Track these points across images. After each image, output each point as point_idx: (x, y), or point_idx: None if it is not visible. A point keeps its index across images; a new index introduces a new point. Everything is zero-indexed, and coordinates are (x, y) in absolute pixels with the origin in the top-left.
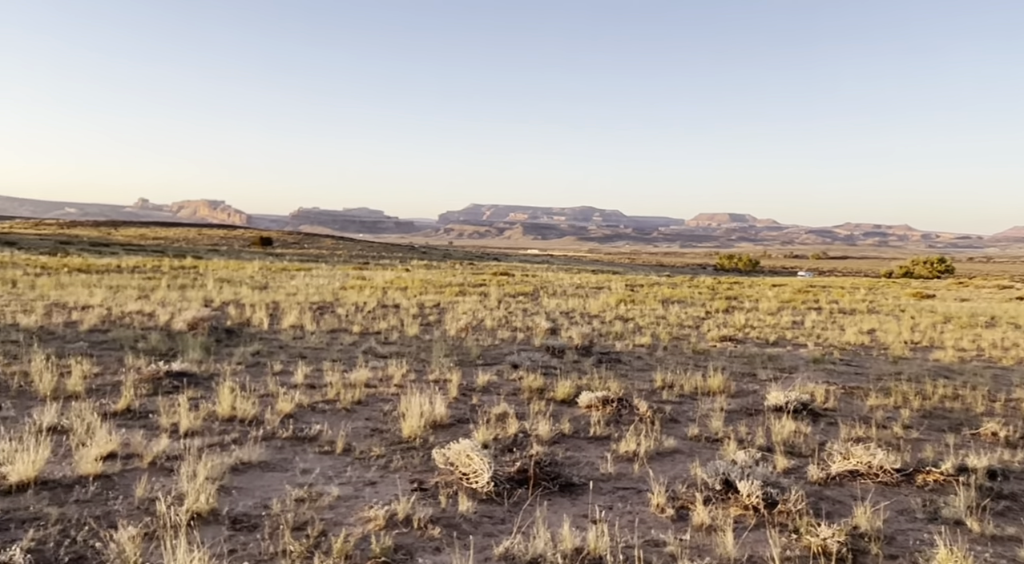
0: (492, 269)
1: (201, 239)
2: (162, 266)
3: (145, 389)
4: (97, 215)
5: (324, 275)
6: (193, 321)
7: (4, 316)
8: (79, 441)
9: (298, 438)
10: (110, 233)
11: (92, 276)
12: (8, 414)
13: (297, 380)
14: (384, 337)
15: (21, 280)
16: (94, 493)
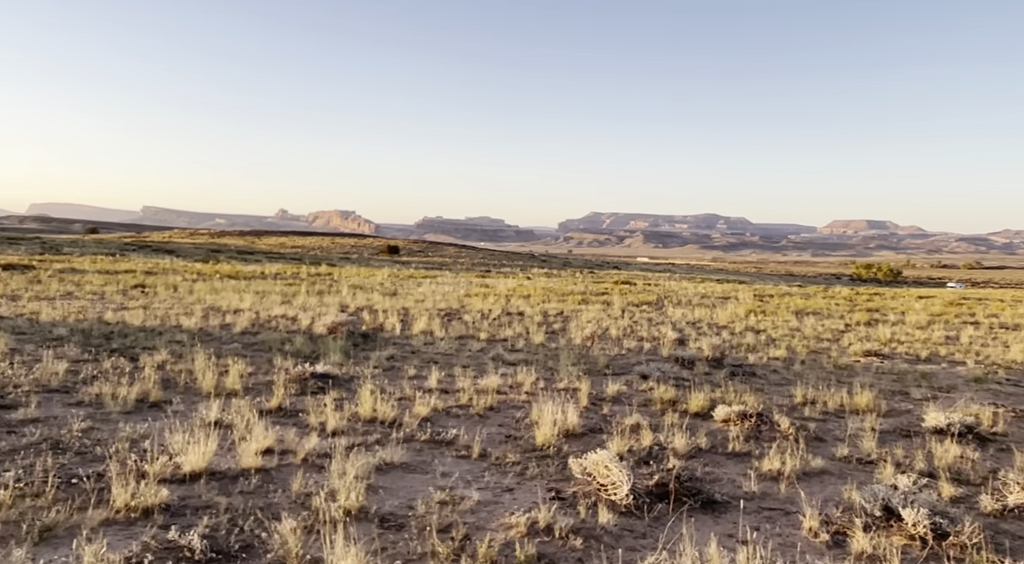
0: (613, 277)
1: (334, 248)
2: (300, 273)
3: (293, 389)
4: (243, 225)
5: (449, 282)
6: (332, 326)
7: (169, 318)
8: (240, 436)
9: (435, 442)
10: (254, 242)
11: (240, 282)
12: (178, 408)
13: (431, 385)
14: (511, 344)
15: (181, 285)
16: (255, 485)
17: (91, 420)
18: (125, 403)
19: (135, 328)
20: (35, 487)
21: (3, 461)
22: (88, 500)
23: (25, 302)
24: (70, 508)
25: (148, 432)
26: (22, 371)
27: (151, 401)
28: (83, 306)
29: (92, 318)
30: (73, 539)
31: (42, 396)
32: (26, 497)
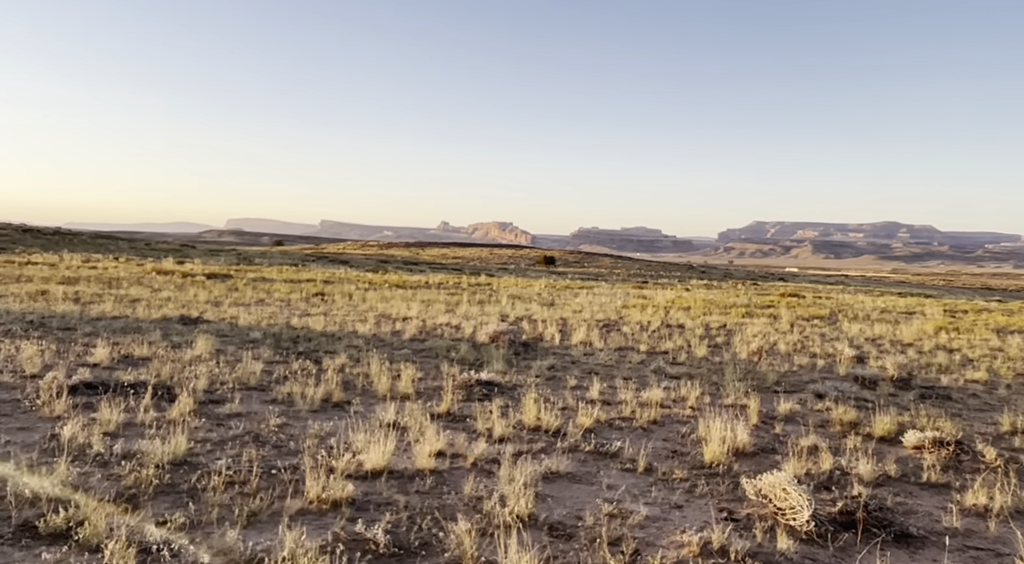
0: (779, 290)
1: (492, 258)
2: (461, 283)
3: (460, 395)
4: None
5: (605, 293)
6: (494, 334)
7: (346, 325)
8: (414, 438)
9: (600, 453)
10: (418, 253)
11: (407, 291)
12: (358, 409)
13: (592, 396)
14: (672, 357)
15: (355, 294)
16: (430, 486)
17: (284, 417)
18: (312, 402)
19: (317, 333)
20: (242, 475)
21: (214, 450)
22: (286, 490)
23: (226, 308)
24: (271, 496)
25: (333, 430)
26: (226, 370)
27: (334, 401)
28: (273, 312)
29: (281, 323)
30: (275, 525)
31: (243, 393)
32: (235, 484)
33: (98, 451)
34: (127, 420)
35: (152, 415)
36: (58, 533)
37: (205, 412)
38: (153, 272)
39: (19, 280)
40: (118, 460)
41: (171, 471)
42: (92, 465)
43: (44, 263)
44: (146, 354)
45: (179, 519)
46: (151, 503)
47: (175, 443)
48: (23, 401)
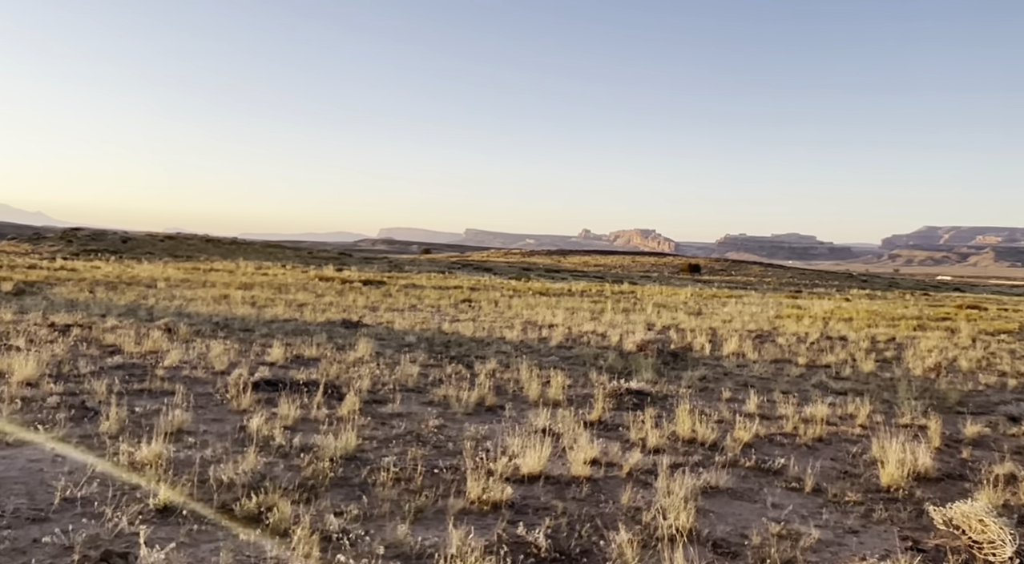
0: (955, 301)
1: (634, 266)
2: (604, 291)
3: (610, 404)
4: (549, 245)
5: (755, 303)
6: (641, 343)
7: (494, 331)
8: (567, 445)
9: (761, 469)
10: (560, 261)
11: (551, 298)
12: (511, 414)
13: (749, 409)
14: (835, 371)
15: (500, 301)
16: (586, 493)
17: (442, 418)
18: (466, 406)
19: (467, 338)
20: (407, 473)
21: (380, 448)
22: (448, 489)
23: (382, 312)
24: (435, 494)
25: (488, 434)
26: (386, 371)
27: (487, 405)
28: (425, 317)
29: (433, 328)
30: (440, 523)
31: (403, 394)
32: (401, 481)
33: (280, 443)
34: (302, 415)
35: (324, 412)
36: (251, 517)
37: (370, 411)
38: (316, 278)
39: (204, 285)
40: (297, 452)
41: (343, 465)
42: (275, 456)
43: (224, 270)
44: (315, 355)
45: (353, 511)
46: (328, 494)
47: (346, 439)
48: (215, 395)
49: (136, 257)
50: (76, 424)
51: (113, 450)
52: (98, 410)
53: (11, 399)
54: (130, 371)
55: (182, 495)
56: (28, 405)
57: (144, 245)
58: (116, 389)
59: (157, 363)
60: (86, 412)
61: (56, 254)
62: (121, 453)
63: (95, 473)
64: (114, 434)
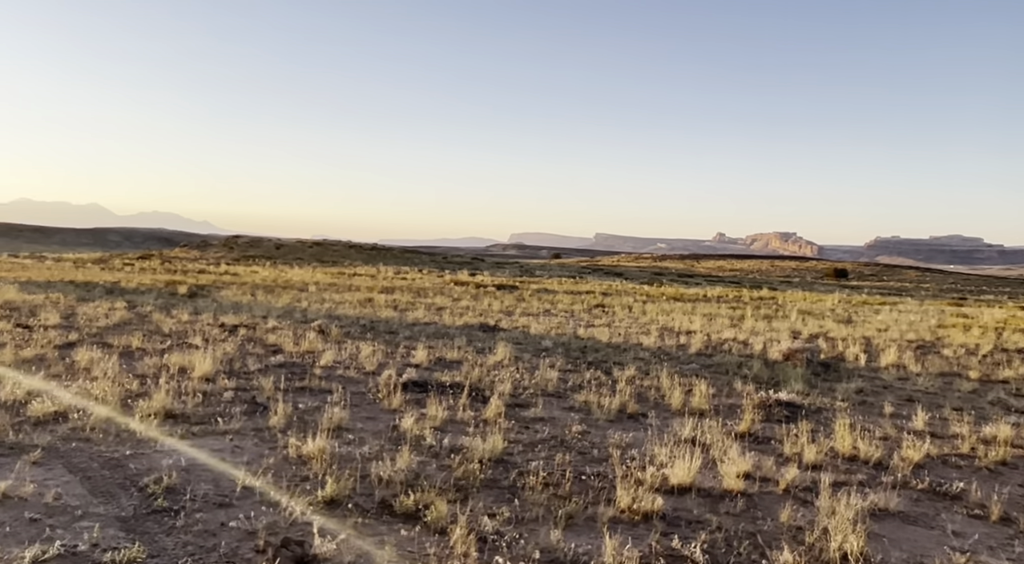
0: None
1: (773, 271)
2: (742, 296)
3: (759, 415)
4: (681, 249)
5: (912, 310)
6: (787, 352)
7: (630, 337)
8: (717, 456)
9: (936, 493)
10: (693, 265)
11: (686, 304)
12: (653, 422)
13: (916, 426)
14: (1014, 388)
15: (634, 306)
16: (741, 508)
17: (584, 424)
18: (608, 412)
19: (603, 344)
20: (555, 478)
21: (526, 452)
22: (597, 497)
23: (517, 317)
24: (584, 501)
25: (633, 442)
26: (526, 376)
27: (629, 412)
28: (559, 322)
29: (568, 333)
30: (591, 530)
31: (544, 399)
32: (549, 486)
33: (430, 443)
34: (449, 417)
35: (469, 414)
36: (409, 513)
37: (513, 415)
38: (451, 283)
39: (350, 289)
40: (447, 453)
41: (492, 467)
42: (427, 455)
43: (366, 274)
44: (456, 358)
45: (505, 513)
46: (479, 495)
47: (493, 442)
48: (367, 394)
49: (288, 262)
50: (249, 418)
51: (283, 443)
52: (267, 405)
53: (194, 393)
54: (291, 369)
55: (346, 489)
56: (208, 399)
57: (295, 251)
58: (280, 386)
59: (314, 362)
60: (256, 407)
61: (220, 260)
62: (290, 446)
63: (269, 464)
64: (282, 428)
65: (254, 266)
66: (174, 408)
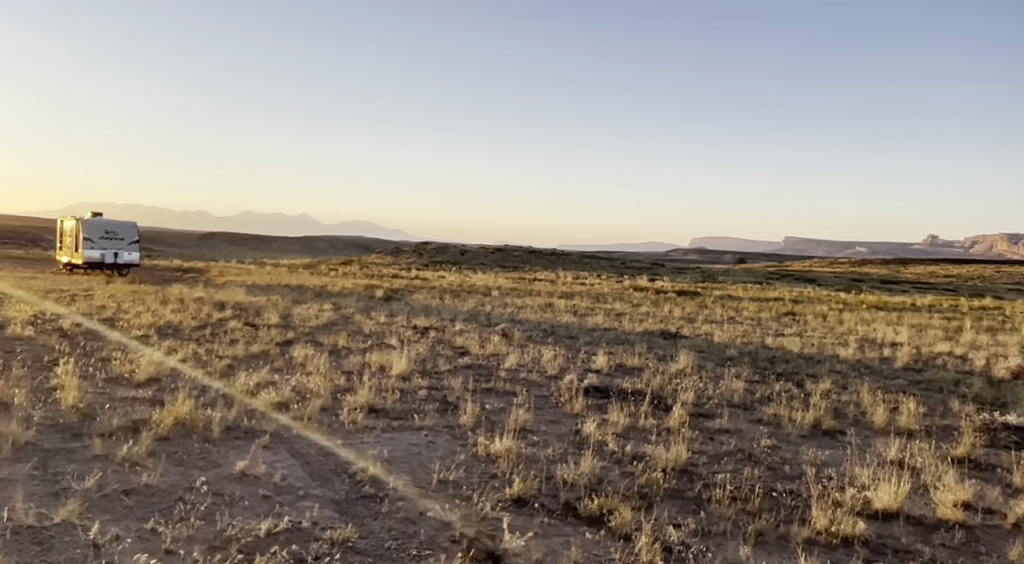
0: None
1: (998, 277)
2: (959, 305)
3: (980, 439)
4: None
5: None
6: (1017, 369)
7: (825, 347)
8: (928, 482)
9: None
10: (898, 270)
11: (890, 313)
12: (852, 440)
13: None
14: None
15: (829, 315)
16: (959, 541)
17: (773, 438)
18: (800, 427)
19: (794, 354)
20: (742, 493)
21: (711, 463)
22: (789, 515)
23: (699, 324)
24: (775, 519)
25: (829, 460)
26: (710, 385)
27: (824, 429)
28: (745, 330)
29: (755, 342)
30: (782, 550)
31: (729, 410)
32: (736, 500)
33: (612, 449)
34: (631, 424)
35: (651, 422)
36: (594, 517)
37: (696, 425)
38: (630, 289)
39: (530, 294)
40: (630, 460)
41: (675, 477)
42: (609, 461)
43: (546, 280)
44: (637, 364)
45: (690, 524)
46: (663, 504)
47: (676, 451)
48: (550, 398)
49: (472, 267)
50: (441, 415)
51: (472, 442)
52: (457, 404)
53: (392, 390)
54: (477, 371)
55: (532, 489)
56: (404, 396)
57: (478, 257)
58: (468, 387)
59: (498, 365)
60: (447, 405)
61: (411, 265)
62: (479, 445)
63: (460, 460)
64: (471, 427)
65: (441, 271)
66: (376, 403)
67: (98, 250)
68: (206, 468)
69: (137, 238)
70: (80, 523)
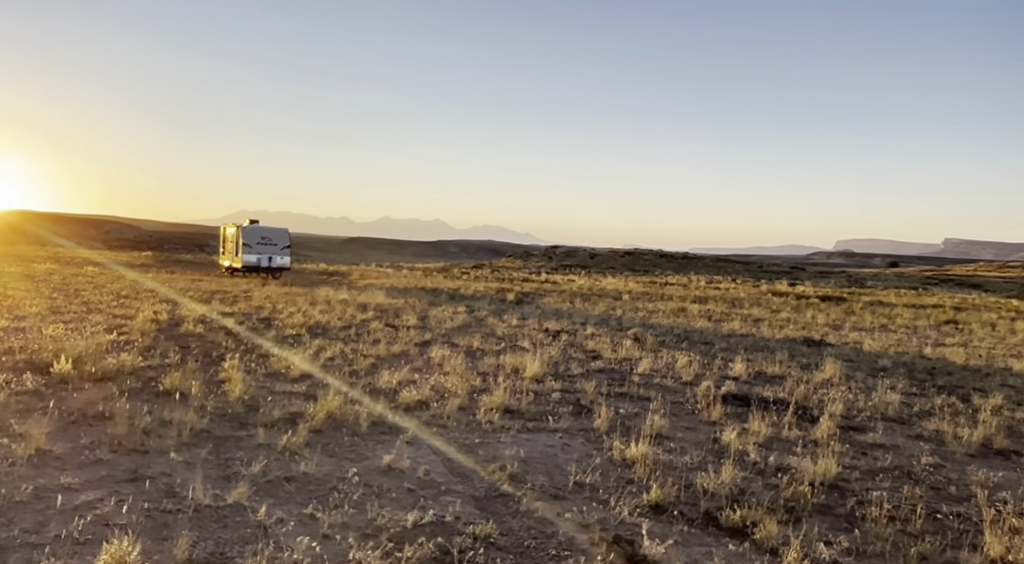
0: None
1: None
2: None
3: None
4: None
5: None
6: None
7: (995, 359)
8: None
9: None
10: None
11: None
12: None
13: None
14: None
15: (999, 323)
16: None
17: (935, 456)
18: (967, 445)
19: (957, 366)
20: (901, 513)
21: (864, 480)
22: (957, 540)
23: (846, 331)
24: (940, 543)
25: (1002, 482)
26: (860, 397)
27: (995, 448)
28: (899, 339)
29: (911, 352)
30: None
31: (883, 423)
32: (895, 520)
33: (754, 460)
34: (773, 434)
35: (795, 433)
36: (736, 529)
37: (846, 438)
38: (768, 293)
39: (662, 298)
40: (773, 471)
41: (824, 492)
42: (751, 472)
43: (677, 284)
44: (778, 372)
45: (843, 543)
46: (812, 520)
47: (824, 465)
48: (685, 404)
49: (601, 271)
50: (575, 418)
51: (607, 446)
52: (591, 408)
53: (526, 391)
54: (610, 375)
55: (670, 496)
56: (538, 398)
57: (607, 261)
58: (602, 391)
59: (631, 370)
60: (581, 409)
61: (540, 269)
62: (614, 449)
63: (596, 464)
64: (606, 431)
65: (571, 275)
66: (511, 404)
67: (255, 255)
68: (356, 460)
69: (288, 243)
70: (249, 505)
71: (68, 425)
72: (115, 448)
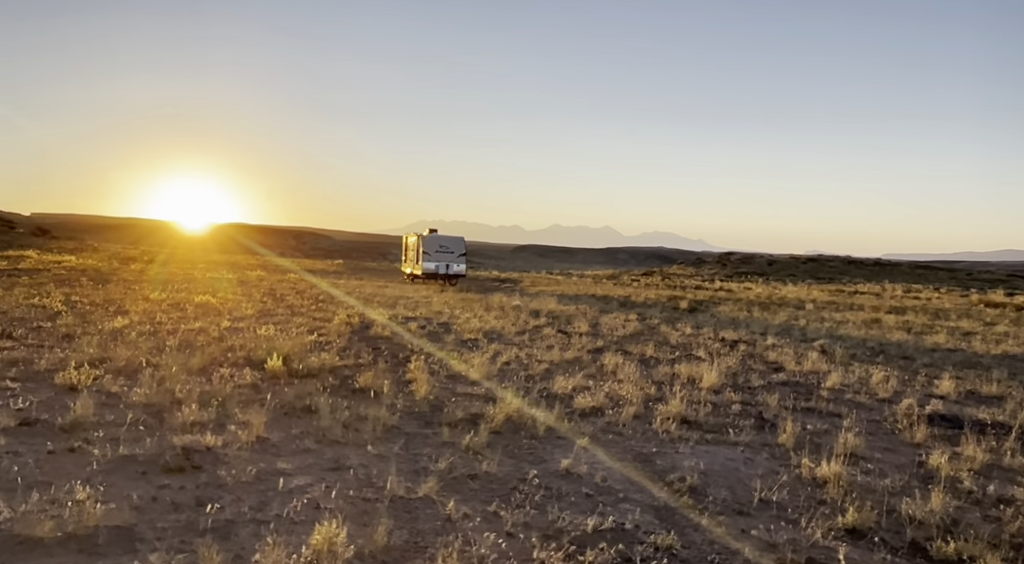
0: None
1: None
2: None
3: None
4: None
5: None
6: None
7: None
8: None
9: None
10: None
11: None
12: None
13: None
14: None
15: None
16: None
17: None
18: None
19: None
20: None
21: None
22: None
23: None
24: None
25: None
26: None
27: None
28: None
29: None
30: None
31: None
32: None
33: (969, 488)
34: (992, 461)
35: (1020, 461)
36: (949, 562)
37: None
38: (980, 304)
39: (851, 308)
40: (993, 502)
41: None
42: (965, 501)
43: (869, 293)
44: (995, 392)
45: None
46: None
47: None
48: (883, 423)
49: (780, 279)
50: (757, 432)
51: (795, 462)
52: (774, 422)
53: (703, 402)
54: (794, 388)
55: (869, 521)
56: (716, 410)
57: (787, 267)
58: (786, 405)
59: (818, 384)
60: (763, 422)
61: (714, 276)
62: (803, 466)
63: (783, 481)
64: (791, 447)
65: (747, 282)
66: (687, 415)
67: (433, 262)
68: (535, 462)
69: (464, 251)
70: (437, 499)
71: (281, 416)
72: (320, 439)
